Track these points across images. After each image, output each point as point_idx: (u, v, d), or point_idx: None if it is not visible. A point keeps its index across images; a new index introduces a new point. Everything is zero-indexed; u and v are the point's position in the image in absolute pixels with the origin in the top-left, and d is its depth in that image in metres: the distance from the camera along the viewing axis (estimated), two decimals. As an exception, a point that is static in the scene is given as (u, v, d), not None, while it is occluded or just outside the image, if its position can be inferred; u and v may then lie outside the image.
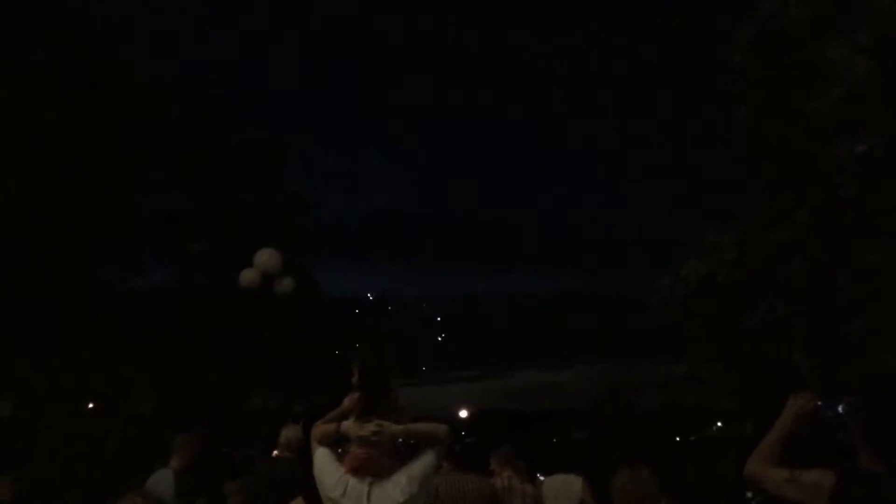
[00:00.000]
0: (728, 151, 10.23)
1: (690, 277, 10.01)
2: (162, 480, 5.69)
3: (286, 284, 10.19)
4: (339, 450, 3.15)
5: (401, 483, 2.94)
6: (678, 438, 40.37)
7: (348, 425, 3.05)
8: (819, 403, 3.18)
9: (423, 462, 3.03)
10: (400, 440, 3.14)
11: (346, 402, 3.25)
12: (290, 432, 5.72)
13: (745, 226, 9.74)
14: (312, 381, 19.25)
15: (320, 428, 3.16)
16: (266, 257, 9.93)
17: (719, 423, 38.06)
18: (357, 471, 2.97)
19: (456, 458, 4.69)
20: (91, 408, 14.06)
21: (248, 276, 9.99)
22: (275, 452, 6.05)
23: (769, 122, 9.09)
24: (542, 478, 6.58)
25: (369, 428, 2.97)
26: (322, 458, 3.07)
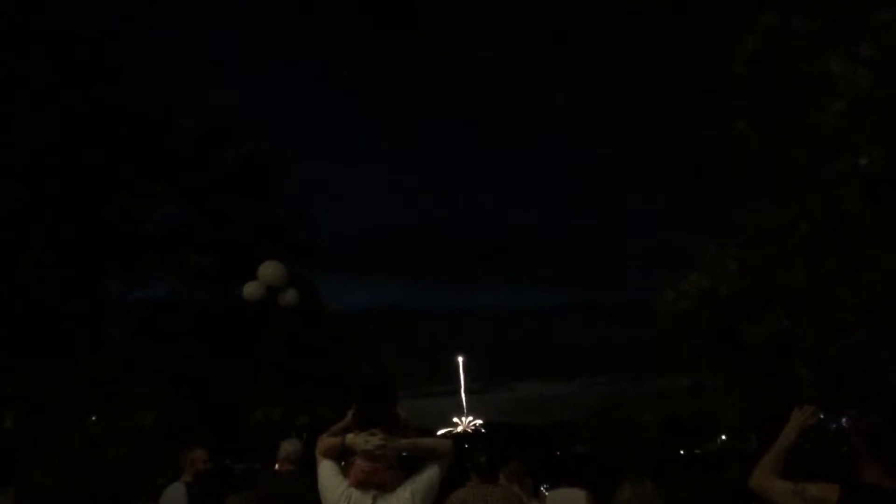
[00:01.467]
0: (730, 163, 10.23)
1: (693, 290, 10.00)
2: (175, 494, 5.77)
3: (290, 297, 10.21)
4: (343, 463, 3.14)
5: (405, 497, 2.94)
6: (682, 452, 40.16)
7: (352, 438, 3.05)
8: (822, 416, 3.19)
9: (428, 476, 3.04)
10: (403, 454, 3.14)
11: (350, 414, 3.25)
12: (289, 445, 5.77)
13: (747, 238, 9.74)
14: (315, 393, 19.21)
15: (325, 441, 3.16)
16: (270, 270, 9.96)
17: (723, 437, 37.88)
18: (361, 484, 2.97)
19: (481, 469, 4.74)
20: (93, 420, 14.05)
21: (251, 289, 10.02)
22: (277, 465, 6.08)
23: (770, 134, 9.10)
24: (546, 492, 6.59)
25: (374, 441, 2.97)
26: (326, 471, 3.07)
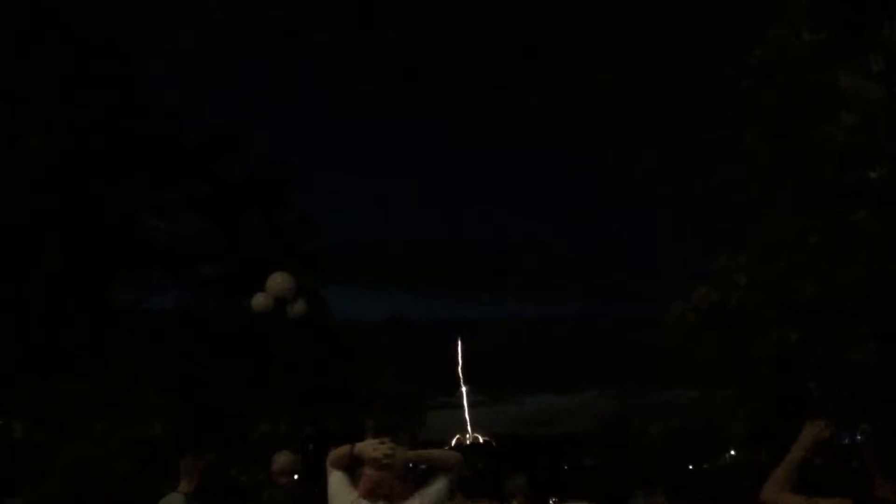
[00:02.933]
0: (739, 176, 10.22)
1: (702, 303, 9.97)
2: None
3: (299, 308, 10.21)
4: (353, 474, 3.14)
5: (413, 508, 2.93)
6: (691, 466, 39.90)
7: (361, 447, 3.05)
8: (834, 430, 3.15)
9: (436, 488, 3.02)
10: (411, 465, 3.13)
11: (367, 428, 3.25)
12: (282, 457, 5.74)
13: (756, 251, 9.71)
14: (321, 405, 19.17)
15: (335, 451, 3.16)
16: (279, 281, 9.96)
17: (732, 451, 37.63)
18: (370, 493, 2.96)
19: (466, 484, 4.71)
20: (102, 430, 14.06)
21: (260, 300, 10.03)
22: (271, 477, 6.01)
23: (779, 146, 9.09)
24: (554, 504, 6.56)
25: (382, 450, 2.96)
26: (336, 482, 3.07)
